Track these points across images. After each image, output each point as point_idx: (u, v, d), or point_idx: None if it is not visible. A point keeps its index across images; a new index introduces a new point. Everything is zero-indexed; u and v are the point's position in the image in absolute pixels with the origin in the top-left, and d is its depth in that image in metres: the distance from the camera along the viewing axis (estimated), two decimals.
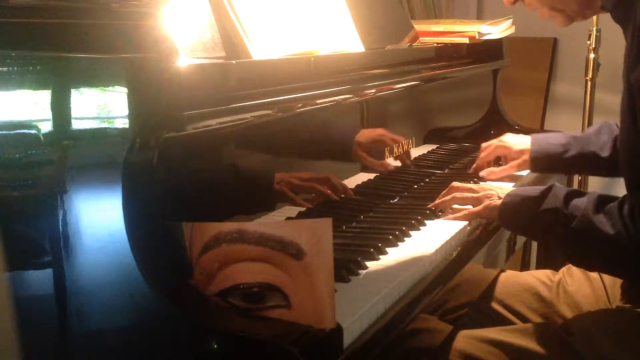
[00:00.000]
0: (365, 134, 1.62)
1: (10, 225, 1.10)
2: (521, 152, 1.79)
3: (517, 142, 1.82)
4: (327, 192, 1.45)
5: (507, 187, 1.48)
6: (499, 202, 1.42)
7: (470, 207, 1.49)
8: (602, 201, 1.27)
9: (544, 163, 1.77)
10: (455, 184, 1.54)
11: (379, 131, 1.68)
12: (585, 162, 1.73)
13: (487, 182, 1.74)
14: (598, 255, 1.30)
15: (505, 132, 1.91)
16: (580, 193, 1.32)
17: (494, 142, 1.86)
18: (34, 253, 1.09)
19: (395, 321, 1.08)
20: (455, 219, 1.47)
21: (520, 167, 1.81)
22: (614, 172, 1.66)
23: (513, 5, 1.52)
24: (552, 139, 1.78)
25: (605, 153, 1.69)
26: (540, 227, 1.36)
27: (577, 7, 1.42)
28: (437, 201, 1.52)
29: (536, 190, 1.37)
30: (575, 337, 1.32)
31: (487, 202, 1.44)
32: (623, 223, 1.21)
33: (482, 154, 1.86)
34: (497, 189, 1.47)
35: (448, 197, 1.51)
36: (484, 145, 1.87)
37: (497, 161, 1.88)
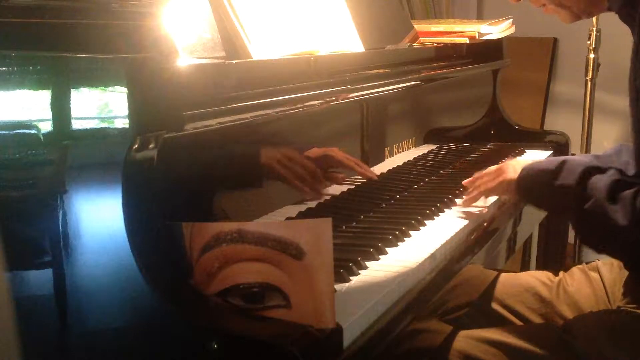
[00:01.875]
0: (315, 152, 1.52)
1: (10, 225, 1.10)
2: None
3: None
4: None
5: (523, 160, 1.45)
6: (514, 176, 1.41)
7: None
8: (619, 187, 1.25)
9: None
10: (477, 175, 1.53)
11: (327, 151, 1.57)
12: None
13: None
14: (607, 241, 1.29)
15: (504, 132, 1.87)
16: (598, 169, 1.30)
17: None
18: (34, 253, 1.09)
19: (395, 321, 1.08)
20: (469, 199, 1.46)
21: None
22: None
23: (517, 3, 1.50)
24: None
25: (630, 172, 1.64)
26: (555, 201, 1.35)
27: (584, 5, 1.42)
28: (466, 201, 1.51)
29: (551, 162, 1.35)
30: (575, 337, 1.32)
31: (501, 177, 1.43)
32: (635, 214, 1.20)
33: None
34: (516, 163, 1.45)
35: (474, 192, 1.51)
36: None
37: None
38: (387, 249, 1.26)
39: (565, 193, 1.30)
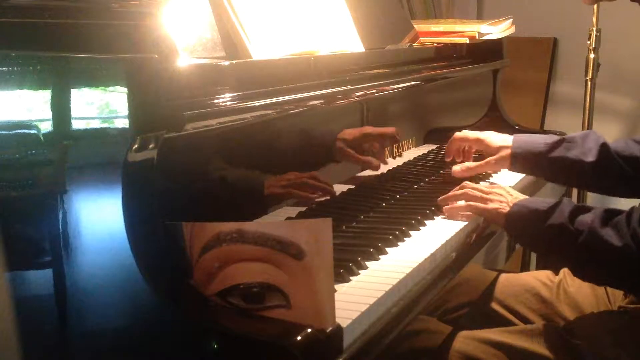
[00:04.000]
0: (349, 133, 1.56)
1: (10, 225, 1.10)
2: (500, 148, 1.69)
3: (497, 139, 1.72)
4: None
5: (519, 194, 1.44)
6: (506, 210, 1.39)
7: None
8: (609, 215, 1.26)
9: (525, 161, 1.67)
10: (467, 183, 1.51)
11: (364, 129, 1.62)
12: (568, 166, 1.62)
13: (498, 185, 1.64)
14: (607, 269, 1.28)
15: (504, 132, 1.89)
16: (586, 208, 1.30)
17: (474, 133, 1.76)
18: (34, 253, 1.09)
19: (395, 321, 1.08)
20: (460, 209, 1.45)
21: (498, 164, 1.70)
22: (598, 182, 1.62)
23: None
24: (535, 137, 1.70)
25: (589, 158, 1.60)
26: (545, 242, 1.34)
27: None
28: (448, 194, 1.50)
29: (545, 203, 1.35)
30: (576, 338, 1.32)
31: (496, 205, 1.41)
32: (632, 234, 1.20)
33: (456, 140, 1.76)
34: (507, 194, 1.44)
35: (459, 192, 1.49)
36: (457, 135, 1.77)
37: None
38: (387, 249, 1.26)
39: (557, 232, 1.30)
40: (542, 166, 1.65)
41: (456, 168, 1.73)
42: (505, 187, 1.48)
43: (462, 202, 1.47)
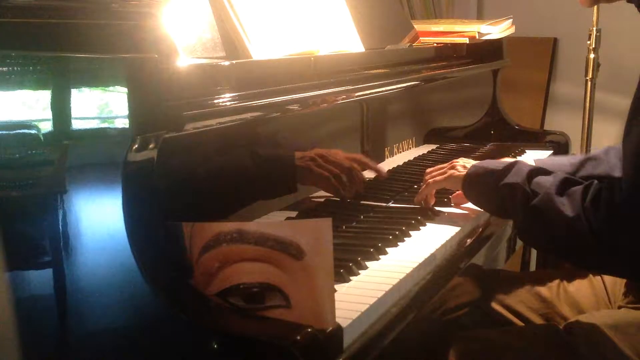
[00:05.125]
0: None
1: (10, 225, 1.10)
2: None
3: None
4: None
5: (472, 161, 1.48)
6: (463, 172, 1.43)
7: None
8: (568, 183, 1.25)
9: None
10: (429, 169, 1.54)
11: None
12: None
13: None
14: (552, 236, 1.27)
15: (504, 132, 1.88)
16: (545, 171, 1.31)
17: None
18: (34, 253, 1.09)
19: (395, 321, 1.08)
20: (420, 193, 1.47)
21: None
22: None
23: None
24: (560, 160, 1.71)
25: (617, 173, 1.60)
26: (499, 200, 1.36)
27: None
28: (417, 196, 1.52)
29: (501, 163, 1.37)
30: (576, 337, 1.32)
31: (454, 171, 1.45)
32: (585, 210, 1.20)
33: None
34: (466, 163, 1.48)
35: (424, 186, 1.51)
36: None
37: None
38: (387, 249, 1.26)
39: (511, 191, 1.31)
40: None
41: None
42: (465, 159, 1.52)
43: None
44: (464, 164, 1.46)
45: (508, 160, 1.38)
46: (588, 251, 1.22)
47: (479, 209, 1.52)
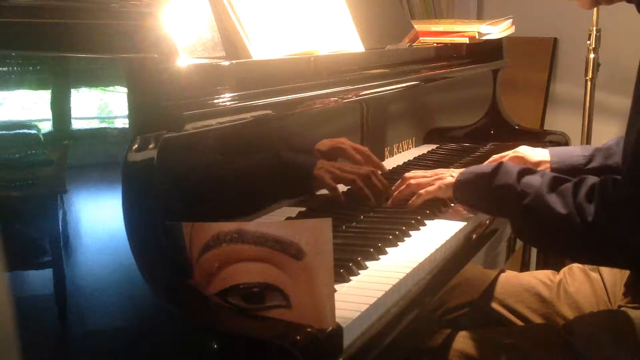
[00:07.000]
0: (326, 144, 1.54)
1: (10, 225, 1.10)
2: (539, 163, 1.68)
3: (535, 154, 1.71)
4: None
5: (458, 170, 1.48)
6: (452, 180, 1.43)
7: None
8: (557, 181, 1.26)
9: (567, 175, 1.64)
10: (407, 174, 1.53)
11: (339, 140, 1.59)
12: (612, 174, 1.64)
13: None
14: (548, 235, 1.28)
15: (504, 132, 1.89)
16: (532, 171, 1.32)
17: (508, 153, 1.74)
18: (34, 253, 1.09)
19: (395, 321, 1.08)
20: (412, 203, 1.47)
21: None
22: None
23: None
24: (572, 151, 1.70)
25: None
26: (493, 202, 1.37)
27: None
28: (393, 194, 1.52)
29: (488, 167, 1.38)
30: (576, 337, 1.32)
31: (439, 182, 1.45)
32: (577, 207, 1.20)
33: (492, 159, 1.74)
34: (452, 171, 1.48)
35: (403, 187, 1.51)
36: (495, 156, 1.74)
37: None
38: (387, 249, 1.26)
39: (503, 192, 1.31)
40: None
41: None
42: (449, 169, 1.53)
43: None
44: (450, 174, 1.47)
45: (492, 164, 1.39)
46: (584, 245, 1.23)
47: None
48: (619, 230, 1.17)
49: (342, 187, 1.53)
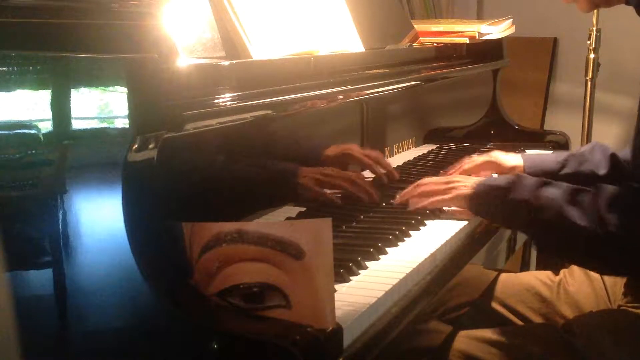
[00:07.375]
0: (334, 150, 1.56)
1: (10, 225, 1.10)
2: (514, 168, 1.70)
3: (510, 158, 1.74)
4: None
5: (474, 179, 1.47)
6: (467, 191, 1.41)
7: None
8: (575, 192, 1.26)
9: None
10: (421, 181, 1.51)
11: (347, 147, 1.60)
12: (582, 181, 1.55)
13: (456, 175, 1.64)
14: (569, 246, 1.29)
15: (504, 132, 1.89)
16: (548, 183, 1.32)
17: (480, 158, 1.75)
18: (34, 253, 1.09)
19: (395, 321, 1.08)
20: (422, 206, 1.45)
21: None
22: None
23: None
24: (546, 156, 1.73)
25: (602, 171, 1.63)
26: (509, 215, 1.36)
27: None
28: (402, 193, 1.50)
29: (504, 179, 1.38)
30: (576, 337, 1.32)
31: (455, 192, 1.43)
32: (599, 218, 1.20)
33: (466, 167, 1.72)
34: (466, 179, 1.46)
35: (412, 188, 1.49)
36: (467, 165, 1.73)
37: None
38: (387, 249, 1.26)
39: (521, 207, 1.31)
40: None
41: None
42: (464, 175, 1.51)
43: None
44: (465, 184, 1.44)
45: (509, 176, 1.38)
46: (609, 256, 1.24)
47: None
48: None
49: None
